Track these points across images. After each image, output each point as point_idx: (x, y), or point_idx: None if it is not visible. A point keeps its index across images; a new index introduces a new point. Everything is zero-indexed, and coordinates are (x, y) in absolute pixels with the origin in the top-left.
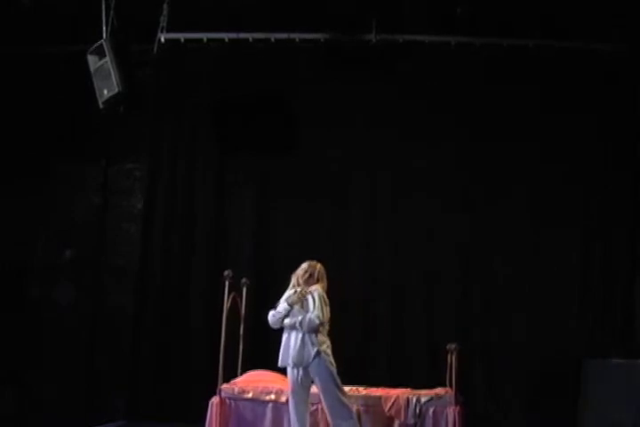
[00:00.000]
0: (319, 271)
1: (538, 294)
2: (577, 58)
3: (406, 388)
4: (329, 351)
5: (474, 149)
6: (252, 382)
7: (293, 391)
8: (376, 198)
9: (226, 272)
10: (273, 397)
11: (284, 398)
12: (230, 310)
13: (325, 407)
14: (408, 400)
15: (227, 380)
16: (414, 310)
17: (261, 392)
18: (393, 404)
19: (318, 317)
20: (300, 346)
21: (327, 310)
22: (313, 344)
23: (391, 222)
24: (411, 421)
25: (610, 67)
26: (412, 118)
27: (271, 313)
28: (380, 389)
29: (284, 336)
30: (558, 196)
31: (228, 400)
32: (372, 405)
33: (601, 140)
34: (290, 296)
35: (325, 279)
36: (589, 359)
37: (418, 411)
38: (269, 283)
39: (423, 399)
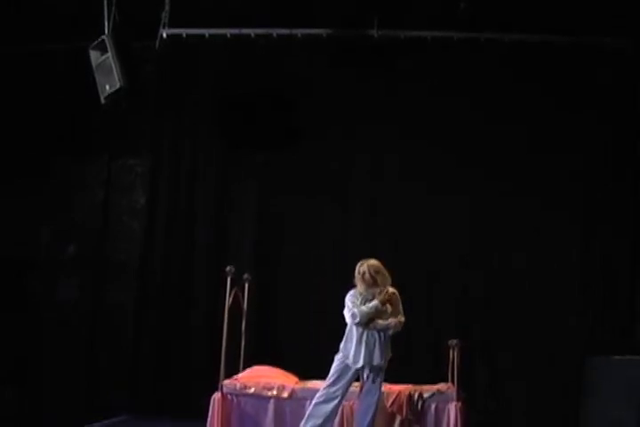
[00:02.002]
0: (381, 274)
1: (538, 292)
2: (578, 54)
3: (408, 384)
4: None
5: (475, 146)
6: (254, 377)
7: (344, 389)
8: (376, 195)
9: (228, 268)
10: (275, 392)
11: (285, 394)
12: (232, 305)
13: (359, 408)
14: (410, 396)
15: (228, 376)
16: (415, 306)
17: (263, 388)
18: (395, 400)
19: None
20: (380, 348)
21: None
22: (388, 348)
23: (391, 219)
24: (412, 416)
25: (611, 62)
26: (413, 115)
27: (358, 311)
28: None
29: (365, 336)
30: (559, 193)
31: (229, 396)
32: None
33: (601, 137)
34: (377, 296)
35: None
36: (591, 356)
37: (420, 407)
38: (271, 279)
39: (425, 395)
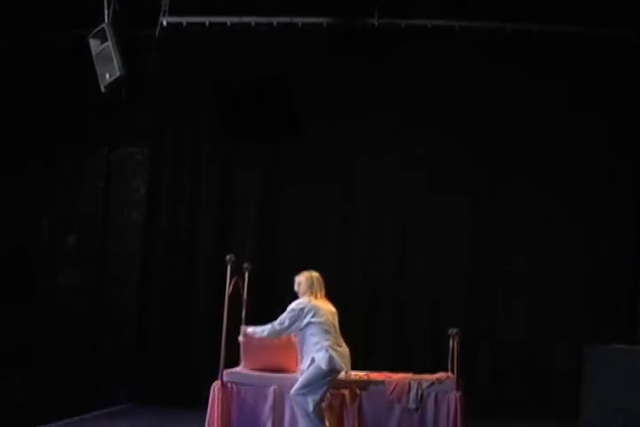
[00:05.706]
0: (298, 284)
1: (543, 283)
2: (582, 43)
3: (408, 373)
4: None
5: (478, 139)
6: (254, 365)
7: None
8: (382, 184)
9: (228, 257)
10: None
11: (285, 383)
12: (232, 294)
13: None
14: (409, 385)
15: (229, 364)
16: (417, 296)
17: (263, 377)
18: (394, 388)
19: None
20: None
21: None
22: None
23: (397, 208)
24: (412, 405)
25: (618, 54)
26: (415, 104)
27: None
28: (382, 374)
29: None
30: (565, 189)
31: (229, 385)
32: (374, 389)
33: (607, 131)
34: None
35: (308, 289)
36: (591, 346)
37: (419, 396)
38: (272, 269)
39: (424, 384)
